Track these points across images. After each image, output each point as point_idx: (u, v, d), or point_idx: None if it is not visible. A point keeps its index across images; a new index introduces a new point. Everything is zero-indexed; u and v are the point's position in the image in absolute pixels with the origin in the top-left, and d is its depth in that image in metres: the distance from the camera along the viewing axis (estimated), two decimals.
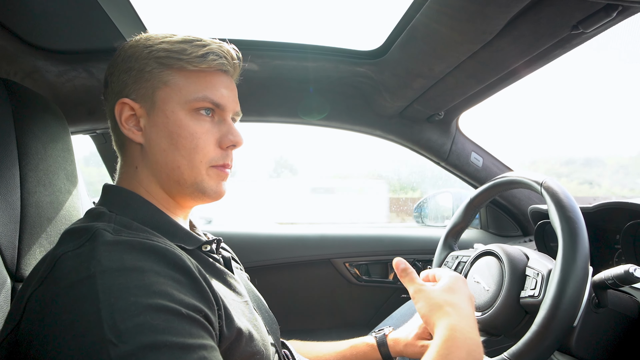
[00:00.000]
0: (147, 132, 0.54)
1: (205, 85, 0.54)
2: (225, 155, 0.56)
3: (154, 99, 0.53)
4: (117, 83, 0.54)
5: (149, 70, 0.53)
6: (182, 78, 0.53)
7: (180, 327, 0.37)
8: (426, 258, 1.41)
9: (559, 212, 0.62)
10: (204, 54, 0.53)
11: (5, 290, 0.55)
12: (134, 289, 0.37)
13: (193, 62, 0.53)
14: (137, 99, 0.54)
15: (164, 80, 0.53)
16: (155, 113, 0.53)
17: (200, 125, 0.54)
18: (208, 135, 0.54)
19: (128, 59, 0.54)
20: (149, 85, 0.53)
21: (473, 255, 0.82)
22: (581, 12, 0.66)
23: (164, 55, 0.53)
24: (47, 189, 0.65)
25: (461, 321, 0.52)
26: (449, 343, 0.49)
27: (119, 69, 0.54)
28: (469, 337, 0.50)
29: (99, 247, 0.40)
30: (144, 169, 0.55)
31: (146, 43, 0.54)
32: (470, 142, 1.32)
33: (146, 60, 0.53)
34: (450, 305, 0.54)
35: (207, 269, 0.53)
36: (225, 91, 0.56)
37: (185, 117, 0.53)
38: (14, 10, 0.71)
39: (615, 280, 0.59)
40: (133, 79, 0.53)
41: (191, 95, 0.53)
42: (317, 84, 1.11)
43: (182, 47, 0.53)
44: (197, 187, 0.54)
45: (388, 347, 0.80)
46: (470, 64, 0.86)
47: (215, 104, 0.54)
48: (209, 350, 0.38)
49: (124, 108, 0.54)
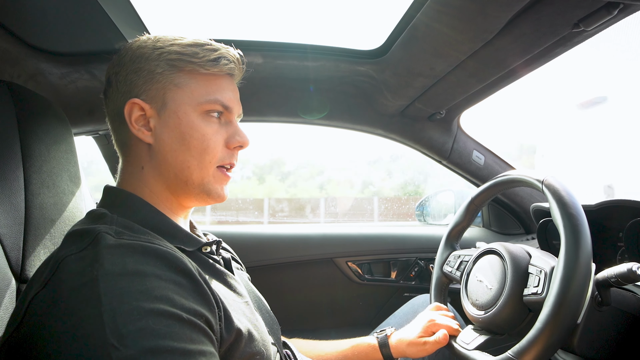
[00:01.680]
0: (158, 132, 0.54)
1: (215, 88, 0.56)
2: (232, 155, 0.58)
3: (165, 100, 0.54)
4: (124, 83, 0.55)
5: (160, 72, 0.54)
6: (194, 81, 0.55)
7: (181, 332, 0.37)
8: (428, 257, 1.41)
9: (561, 210, 0.62)
10: (216, 58, 0.55)
11: (10, 291, 0.56)
12: (136, 293, 0.37)
13: (205, 66, 0.54)
14: (147, 100, 0.54)
15: (175, 82, 0.54)
16: (167, 114, 0.54)
17: (210, 127, 0.55)
18: (217, 136, 0.56)
19: (137, 60, 0.54)
20: (160, 86, 0.54)
21: (475, 253, 0.82)
22: (582, 10, 0.66)
23: (175, 57, 0.54)
24: (51, 191, 0.65)
25: None
26: None
27: (127, 69, 0.54)
28: None
29: (101, 250, 0.41)
30: (151, 169, 0.55)
31: (156, 44, 0.54)
32: (471, 140, 1.32)
33: (157, 61, 0.54)
34: None
35: (207, 271, 0.53)
36: (231, 94, 0.58)
37: (197, 118, 0.55)
38: (17, 13, 0.72)
39: (619, 279, 0.58)
40: (143, 80, 0.54)
41: (203, 97, 0.55)
42: (318, 83, 1.11)
43: (193, 50, 0.54)
44: (203, 189, 0.56)
45: (390, 347, 0.80)
46: (471, 62, 0.86)
47: (225, 106, 0.56)
48: (208, 356, 0.38)
49: (133, 108, 0.54)
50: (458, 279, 0.85)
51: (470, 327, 0.77)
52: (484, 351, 0.69)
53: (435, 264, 0.94)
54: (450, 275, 0.89)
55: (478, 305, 0.74)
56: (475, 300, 0.75)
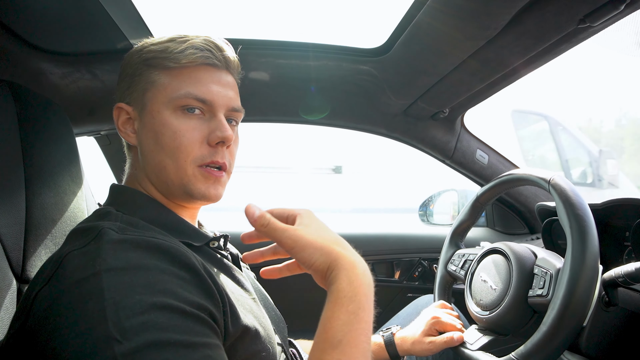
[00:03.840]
0: (139, 134, 0.55)
1: (188, 81, 0.52)
2: (214, 152, 0.53)
3: (144, 101, 0.54)
4: (118, 90, 0.57)
5: (139, 74, 0.54)
6: (167, 77, 0.53)
7: (185, 325, 0.37)
8: (432, 257, 1.40)
9: (568, 210, 0.61)
10: (183, 49, 0.52)
11: (11, 291, 0.56)
12: (138, 287, 0.37)
13: (174, 59, 0.52)
14: (131, 103, 0.55)
15: (150, 80, 0.53)
16: (145, 115, 0.54)
17: (184, 123, 0.52)
18: (193, 132, 0.52)
19: (125, 66, 0.56)
20: (139, 87, 0.54)
21: (480, 253, 0.81)
22: (588, 5, 0.65)
23: (150, 56, 0.53)
24: (52, 190, 0.65)
25: (352, 253, 0.47)
26: (354, 284, 0.43)
27: (120, 76, 0.57)
28: (363, 267, 0.46)
29: (104, 245, 0.41)
30: (140, 171, 0.56)
31: (139, 48, 0.55)
32: (475, 139, 1.31)
33: (137, 64, 0.54)
34: (337, 244, 0.46)
35: (215, 265, 0.53)
36: (214, 86, 0.53)
37: (170, 116, 0.52)
38: (18, 12, 0.72)
39: (626, 278, 0.58)
40: (127, 84, 0.55)
41: (174, 92, 0.52)
42: (320, 82, 1.10)
43: (165, 45, 0.53)
44: (185, 189, 0.53)
45: (395, 346, 0.79)
46: (474, 60, 0.85)
47: (201, 100, 0.52)
48: (213, 348, 0.38)
49: (120, 113, 0.56)
50: (462, 278, 0.84)
51: (474, 327, 0.76)
52: (487, 352, 0.69)
53: (440, 262, 0.93)
54: (455, 274, 0.88)
55: (482, 305, 0.73)
56: (479, 300, 0.75)
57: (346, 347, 0.39)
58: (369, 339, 0.42)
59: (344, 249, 0.46)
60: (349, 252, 0.47)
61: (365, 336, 0.41)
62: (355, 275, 0.44)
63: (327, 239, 0.46)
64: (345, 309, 0.41)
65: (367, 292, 0.43)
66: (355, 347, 0.39)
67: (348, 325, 0.40)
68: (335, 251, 0.45)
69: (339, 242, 0.48)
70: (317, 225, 0.48)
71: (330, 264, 0.44)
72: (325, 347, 0.39)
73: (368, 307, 0.43)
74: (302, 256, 0.45)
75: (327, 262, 0.44)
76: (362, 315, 0.41)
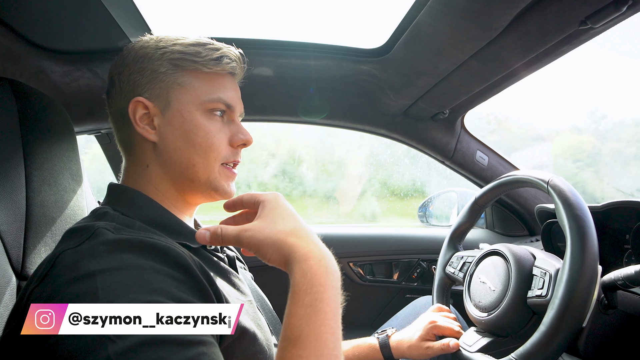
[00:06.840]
0: (162, 130, 0.55)
1: (218, 87, 0.57)
2: (236, 153, 0.59)
3: (169, 99, 0.55)
4: (127, 83, 0.55)
5: (163, 71, 0.54)
6: (197, 80, 0.56)
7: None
8: (431, 258, 1.40)
9: (567, 211, 0.61)
10: (218, 57, 0.55)
11: (11, 288, 0.56)
12: (132, 286, 0.37)
13: (207, 65, 0.55)
14: (151, 98, 0.55)
15: (178, 81, 0.55)
16: (171, 113, 0.55)
17: (213, 125, 0.56)
18: (220, 134, 0.57)
19: (140, 60, 0.55)
20: (163, 85, 0.55)
21: (479, 255, 0.81)
22: (590, 6, 0.65)
23: (178, 57, 0.54)
24: (52, 188, 0.65)
25: (307, 243, 0.44)
26: (313, 280, 0.41)
27: (130, 69, 0.55)
28: (325, 257, 0.44)
29: (98, 245, 0.41)
30: (156, 167, 0.56)
31: (158, 44, 0.55)
32: (475, 140, 1.31)
33: (160, 61, 0.54)
34: (292, 234, 0.45)
35: (211, 268, 0.54)
36: (234, 93, 0.59)
37: (200, 117, 0.55)
38: (20, 11, 0.72)
39: (626, 281, 0.57)
40: (146, 79, 0.55)
41: (206, 96, 0.55)
42: (320, 82, 1.10)
43: (195, 49, 0.55)
44: (210, 185, 0.57)
45: (390, 348, 0.79)
46: (475, 61, 0.85)
47: (227, 105, 0.57)
48: (208, 346, 0.38)
49: (137, 106, 0.55)
50: (461, 280, 0.84)
51: (473, 329, 0.76)
52: (486, 354, 0.69)
53: (438, 264, 0.93)
54: (453, 276, 0.88)
55: (481, 307, 0.73)
56: (478, 301, 0.74)
57: (306, 342, 0.38)
58: (335, 330, 0.40)
59: (298, 239, 0.44)
60: (304, 242, 0.44)
61: (328, 327, 0.39)
62: (309, 267, 0.41)
63: (281, 232, 0.44)
64: (302, 302, 0.40)
65: (324, 282, 0.41)
66: (316, 340, 0.38)
67: (306, 319, 0.39)
68: (287, 244, 0.43)
69: (295, 232, 0.45)
70: (274, 215, 0.46)
71: (286, 258, 0.43)
72: (286, 345, 0.38)
73: (327, 297, 0.40)
74: (259, 254, 0.45)
75: (281, 257, 0.43)
76: (320, 307, 0.39)
